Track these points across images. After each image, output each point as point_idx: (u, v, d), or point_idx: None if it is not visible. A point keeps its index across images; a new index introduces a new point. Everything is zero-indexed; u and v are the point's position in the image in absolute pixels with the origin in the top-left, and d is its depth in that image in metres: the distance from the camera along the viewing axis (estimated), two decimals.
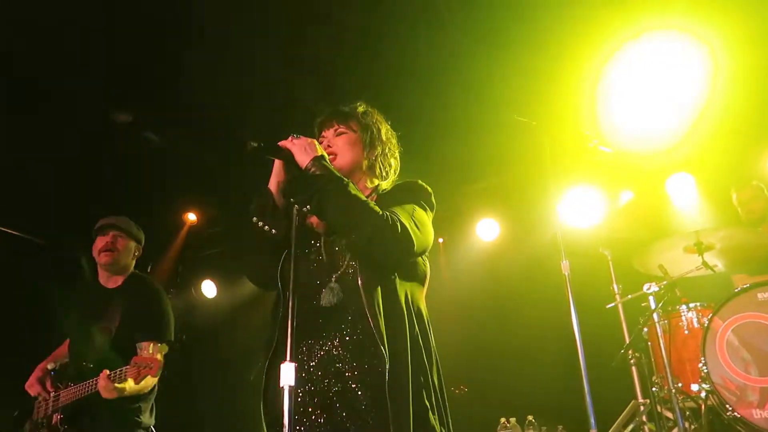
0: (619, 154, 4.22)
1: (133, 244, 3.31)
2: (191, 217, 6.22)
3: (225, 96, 4.47)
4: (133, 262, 3.34)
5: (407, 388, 1.69)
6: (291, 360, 1.51)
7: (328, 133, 2.07)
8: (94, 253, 3.25)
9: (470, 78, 4.59)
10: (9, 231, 5.45)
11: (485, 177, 5.47)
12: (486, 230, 5.50)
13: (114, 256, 3.20)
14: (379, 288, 1.79)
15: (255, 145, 1.81)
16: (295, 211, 1.80)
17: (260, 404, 1.76)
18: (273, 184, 1.95)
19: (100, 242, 3.23)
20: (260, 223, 1.89)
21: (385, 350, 1.68)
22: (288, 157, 1.87)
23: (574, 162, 4.70)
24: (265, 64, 4.30)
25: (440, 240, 5.85)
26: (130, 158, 5.06)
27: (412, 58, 4.37)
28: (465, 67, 4.49)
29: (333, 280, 1.83)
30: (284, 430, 1.43)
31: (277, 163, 1.95)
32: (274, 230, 1.88)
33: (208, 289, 6.49)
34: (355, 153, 2.04)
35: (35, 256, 5.51)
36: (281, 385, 1.50)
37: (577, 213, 4.88)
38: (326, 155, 1.90)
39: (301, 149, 1.86)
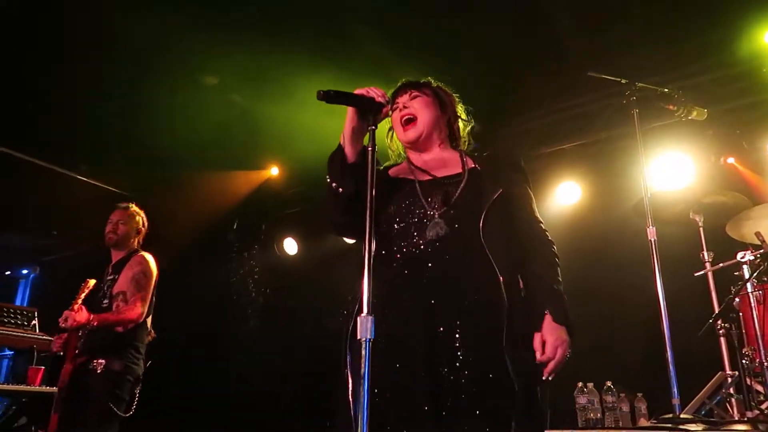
0: (716, 115, 3.97)
1: None
2: (273, 171, 6.42)
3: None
4: None
5: (519, 325, 1.74)
6: (369, 313, 1.49)
7: (403, 99, 2.08)
8: None
9: (553, 33, 4.43)
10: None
11: (568, 138, 5.27)
12: (566, 193, 5.33)
13: None
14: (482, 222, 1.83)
15: (322, 92, 1.75)
16: (369, 156, 1.73)
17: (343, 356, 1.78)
18: (347, 131, 1.88)
19: None
20: (328, 179, 1.91)
21: (501, 282, 1.74)
22: (361, 103, 1.82)
23: (665, 122, 4.47)
24: None
25: None
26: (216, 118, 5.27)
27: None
28: (547, 23, 4.33)
29: (436, 216, 1.85)
30: (365, 378, 1.45)
31: (350, 110, 1.87)
32: (341, 189, 1.87)
33: (290, 246, 6.72)
34: (434, 112, 2.07)
35: None
36: (363, 337, 1.48)
37: (667, 176, 4.64)
38: None
39: None
